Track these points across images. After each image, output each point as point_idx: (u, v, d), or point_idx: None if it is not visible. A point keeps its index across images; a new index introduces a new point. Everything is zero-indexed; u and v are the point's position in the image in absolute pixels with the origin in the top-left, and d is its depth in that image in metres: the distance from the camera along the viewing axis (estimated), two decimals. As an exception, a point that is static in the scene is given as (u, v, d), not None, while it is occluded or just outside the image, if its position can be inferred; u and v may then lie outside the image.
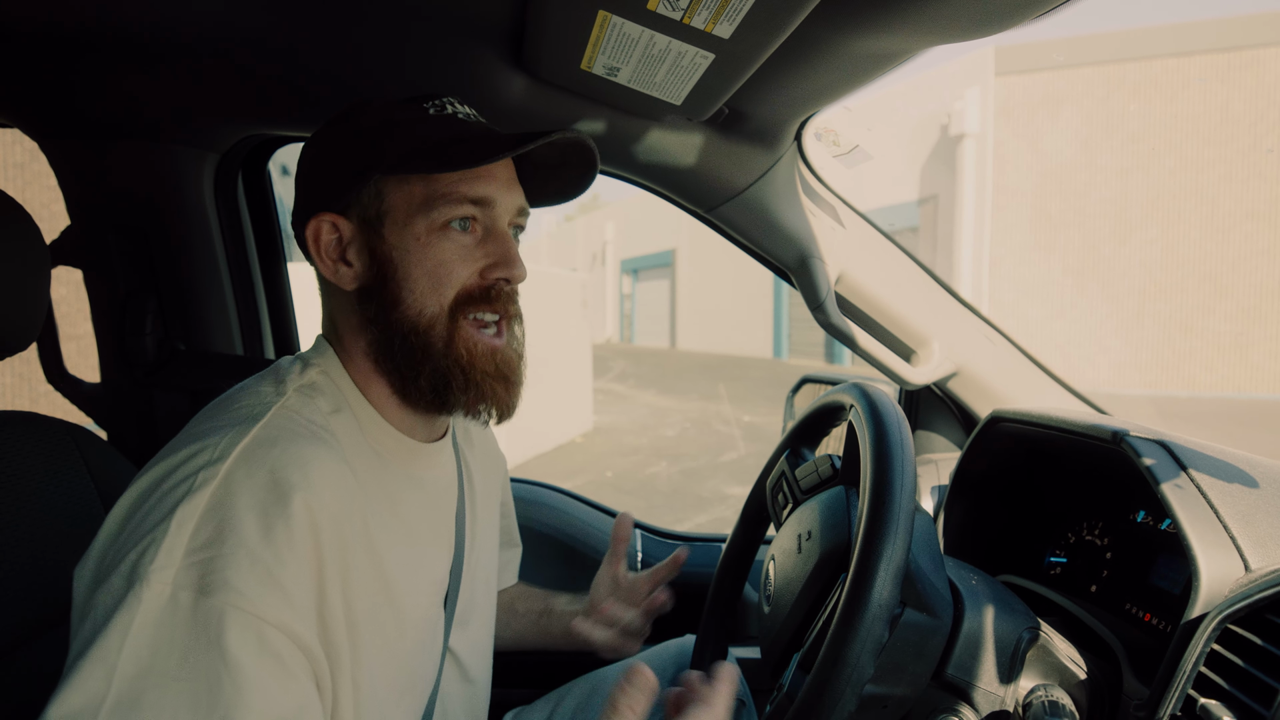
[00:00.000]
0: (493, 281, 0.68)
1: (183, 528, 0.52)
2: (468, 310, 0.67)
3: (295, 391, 0.65)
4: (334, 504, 0.58)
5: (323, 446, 0.61)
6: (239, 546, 0.52)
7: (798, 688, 0.70)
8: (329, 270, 0.68)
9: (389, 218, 0.66)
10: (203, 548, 0.52)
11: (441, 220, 0.66)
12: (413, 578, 0.68)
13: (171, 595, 0.50)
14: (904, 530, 0.63)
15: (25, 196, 5.77)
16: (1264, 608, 0.65)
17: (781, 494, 0.98)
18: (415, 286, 0.66)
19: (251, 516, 0.53)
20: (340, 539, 0.58)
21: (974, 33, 0.73)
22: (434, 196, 0.66)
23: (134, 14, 0.87)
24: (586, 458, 7.60)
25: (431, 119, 0.68)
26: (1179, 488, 0.78)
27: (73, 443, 0.90)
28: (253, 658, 0.50)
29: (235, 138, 1.19)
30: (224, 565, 0.51)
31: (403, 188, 0.66)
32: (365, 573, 0.61)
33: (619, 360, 17.64)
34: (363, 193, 0.66)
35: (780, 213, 1.15)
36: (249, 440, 0.58)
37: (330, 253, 0.68)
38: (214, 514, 0.53)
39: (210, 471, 0.55)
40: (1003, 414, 1.07)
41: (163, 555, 0.51)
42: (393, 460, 0.69)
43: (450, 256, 0.66)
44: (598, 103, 1.00)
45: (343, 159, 0.68)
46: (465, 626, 0.78)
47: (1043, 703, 0.73)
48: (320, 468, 0.59)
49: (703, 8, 0.69)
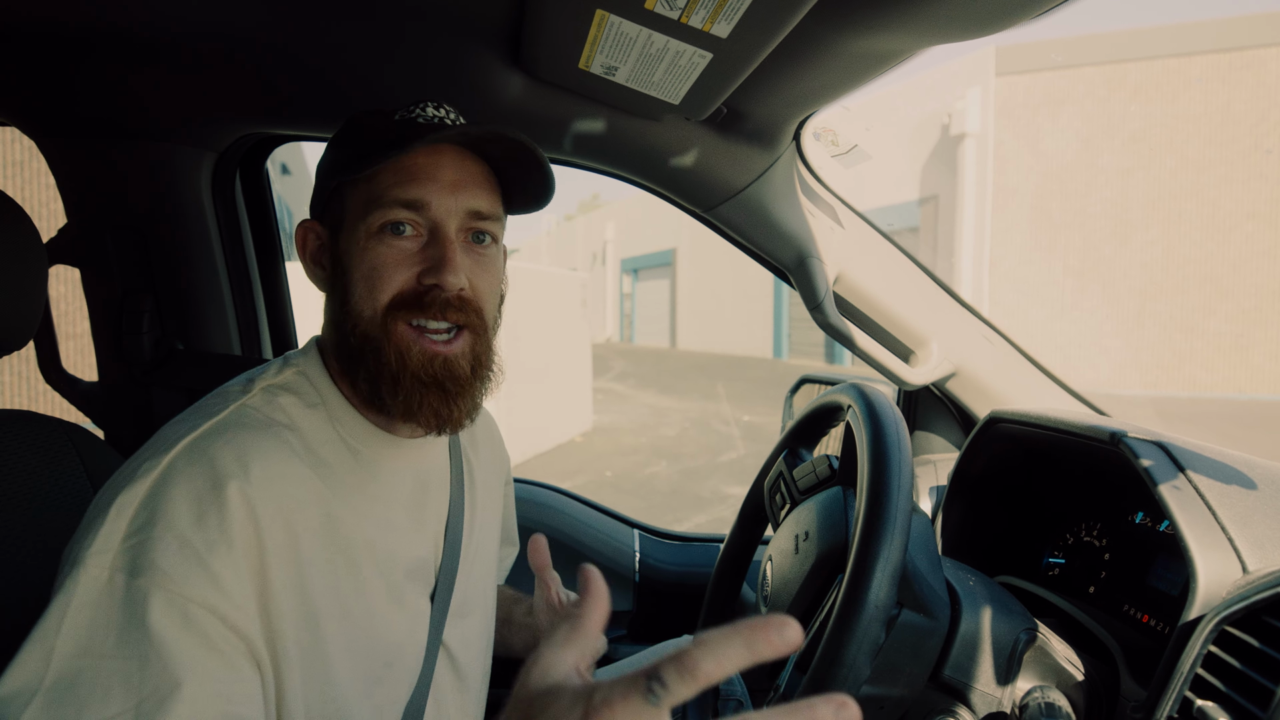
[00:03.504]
0: (426, 287, 0.66)
1: (121, 514, 0.55)
2: (405, 316, 0.66)
3: (262, 390, 0.67)
4: (278, 495, 0.60)
5: (271, 440, 0.62)
6: (168, 530, 0.55)
7: (794, 688, 0.70)
8: (310, 273, 0.73)
9: (344, 223, 0.69)
10: (137, 532, 0.54)
11: (376, 224, 0.66)
12: (387, 569, 0.69)
13: (108, 579, 0.53)
14: (901, 531, 0.63)
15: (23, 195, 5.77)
16: (1261, 610, 0.65)
17: (779, 494, 0.98)
18: (355, 290, 0.67)
19: (184, 504, 0.56)
20: (289, 529, 0.60)
21: (973, 32, 0.72)
22: (370, 200, 0.66)
23: (132, 13, 0.87)
24: (586, 457, 7.60)
25: (393, 124, 0.68)
26: (1177, 489, 0.78)
27: (69, 442, 0.90)
28: (177, 634, 0.52)
29: (233, 137, 1.19)
30: (152, 548, 0.54)
31: (353, 194, 0.68)
32: (325, 564, 0.63)
33: (619, 360, 17.65)
34: (331, 200, 0.70)
35: (779, 213, 1.15)
36: (197, 434, 0.60)
37: (311, 257, 0.72)
38: (150, 501, 0.56)
39: (153, 463, 0.58)
40: (1001, 415, 1.07)
41: (100, 540, 0.54)
42: (367, 454, 0.70)
43: (383, 261, 0.66)
44: (596, 102, 1.00)
45: (321, 168, 0.72)
46: (460, 621, 0.78)
47: (1040, 704, 0.73)
48: (263, 460, 0.60)
49: (700, 7, 0.69)
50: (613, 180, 1.22)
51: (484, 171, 0.71)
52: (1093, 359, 10.36)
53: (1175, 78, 9.95)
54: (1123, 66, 10.15)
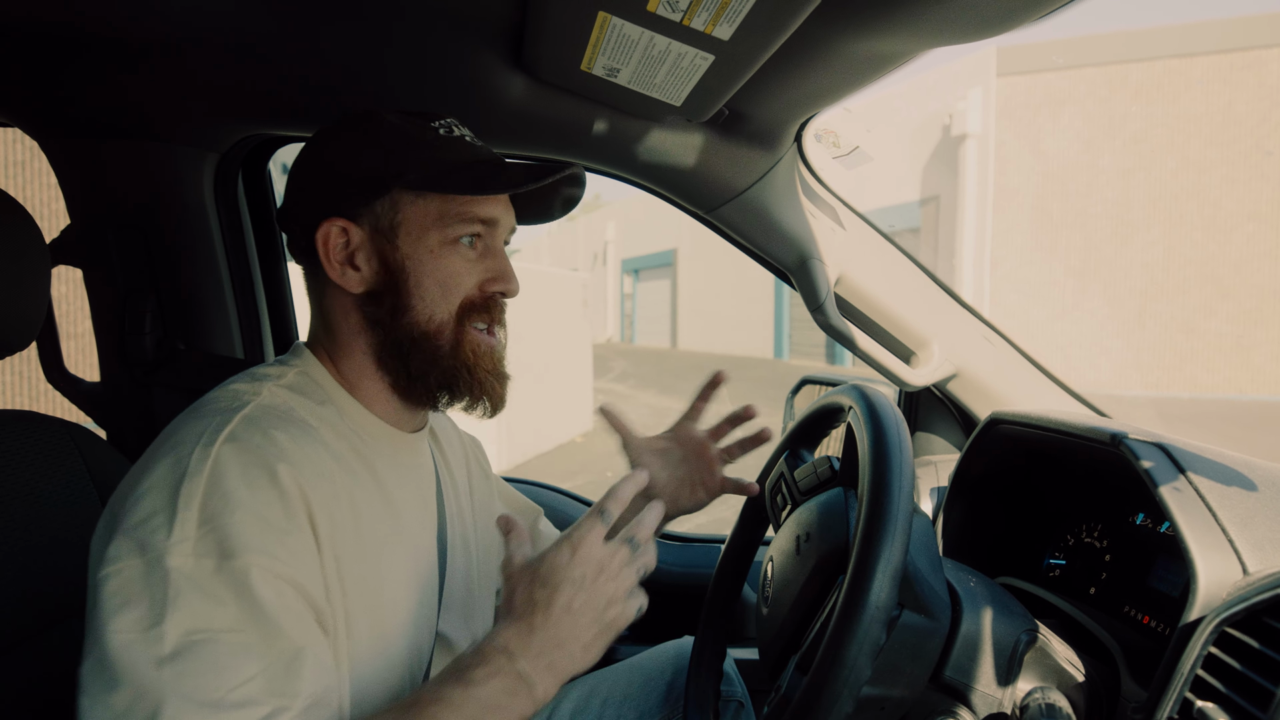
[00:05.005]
0: (491, 294, 0.75)
1: (189, 504, 0.57)
2: (472, 319, 0.74)
3: (273, 387, 0.69)
4: (317, 482, 0.62)
5: (299, 431, 0.65)
6: (247, 512, 0.57)
7: (795, 689, 0.70)
8: (336, 273, 0.72)
9: (403, 229, 0.71)
10: (213, 518, 0.56)
11: (453, 236, 0.72)
12: (402, 558, 0.71)
13: (195, 564, 0.55)
14: (902, 532, 0.63)
15: (26, 195, 5.77)
16: (1261, 611, 0.65)
17: (780, 495, 0.99)
18: (426, 294, 0.72)
19: (250, 489, 0.58)
20: (329, 513, 0.63)
21: (975, 34, 0.73)
22: (448, 214, 0.72)
23: (136, 13, 0.87)
24: (587, 458, 7.59)
25: (443, 140, 0.73)
26: (1177, 490, 0.78)
27: (71, 442, 0.90)
28: (281, 603, 0.56)
29: (235, 137, 1.19)
30: (237, 529, 0.56)
31: (418, 202, 0.71)
32: (355, 548, 0.65)
33: (619, 360, 17.64)
34: (378, 203, 0.71)
35: (780, 214, 1.15)
36: (233, 425, 0.62)
37: (338, 256, 0.72)
38: (214, 488, 0.57)
39: (203, 453, 0.59)
40: (1002, 416, 1.07)
41: (177, 530, 0.56)
42: (378, 447, 0.73)
43: (458, 269, 0.73)
44: (598, 103, 1.00)
45: (358, 168, 0.71)
46: (449, 611, 0.80)
47: (1040, 705, 0.73)
48: (298, 449, 0.63)
49: (702, 9, 0.69)
50: (614, 181, 1.23)
51: None
52: (1094, 360, 10.34)
53: (1177, 78, 9.93)
54: (1124, 67, 10.13)
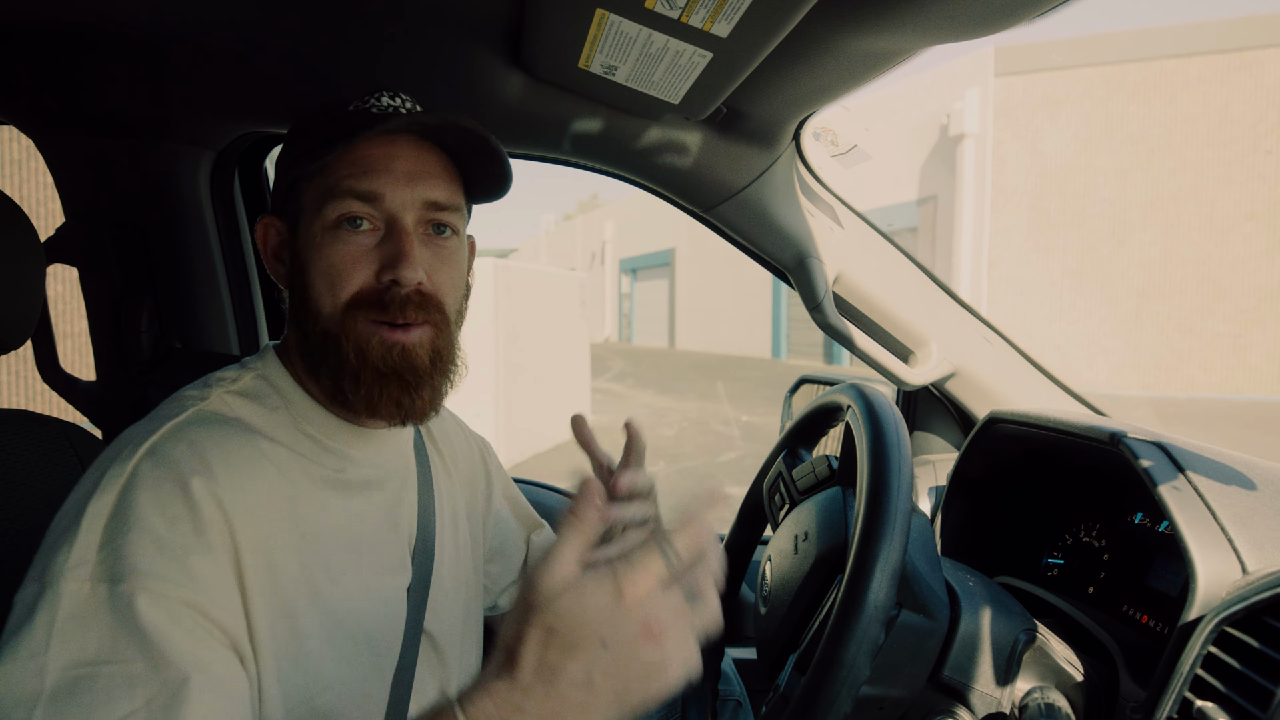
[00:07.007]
0: (385, 285, 0.64)
1: (92, 525, 0.54)
2: (365, 315, 0.65)
3: (223, 393, 0.67)
4: (243, 490, 0.60)
5: (232, 437, 0.62)
6: (144, 533, 0.54)
7: (793, 689, 0.70)
8: (272, 270, 0.72)
9: (302, 217, 0.67)
10: (111, 540, 0.54)
11: (331, 218, 0.64)
12: (360, 560, 0.69)
13: (91, 590, 0.52)
14: (900, 531, 0.63)
15: (21, 194, 5.76)
16: (1260, 610, 0.65)
17: (778, 494, 0.98)
18: (315, 286, 0.66)
19: (155, 506, 0.55)
20: (257, 523, 0.60)
21: (973, 32, 0.72)
22: (324, 194, 0.65)
23: (132, 11, 0.86)
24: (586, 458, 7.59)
25: (346, 115, 0.67)
26: (1176, 489, 0.78)
27: (67, 441, 0.90)
28: (171, 631, 0.52)
29: (231, 136, 1.19)
30: (130, 552, 0.53)
31: (309, 188, 0.66)
32: (296, 556, 0.63)
33: (617, 360, 17.64)
34: (289, 194, 0.69)
35: (778, 213, 1.15)
36: (156, 438, 0.60)
37: (272, 253, 0.72)
38: (119, 508, 0.55)
39: (116, 470, 0.57)
40: (1000, 415, 1.07)
41: (76, 553, 0.53)
42: (335, 446, 0.70)
43: (341, 258, 0.64)
44: (595, 102, 1.00)
45: (282, 163, 0.71)
46: (440, 609, 0.79)
47: (1039, 705, 0.73)
48: (224, 457, 0.60)
49: (700, 6, 0.69)
50: (612, 180, 1.22)
51: (442, 162, 0.69)
52: (1091, 359, 10.36)
53: (1174, 78, 9.95)
54: (1121, 67, 10.15)
